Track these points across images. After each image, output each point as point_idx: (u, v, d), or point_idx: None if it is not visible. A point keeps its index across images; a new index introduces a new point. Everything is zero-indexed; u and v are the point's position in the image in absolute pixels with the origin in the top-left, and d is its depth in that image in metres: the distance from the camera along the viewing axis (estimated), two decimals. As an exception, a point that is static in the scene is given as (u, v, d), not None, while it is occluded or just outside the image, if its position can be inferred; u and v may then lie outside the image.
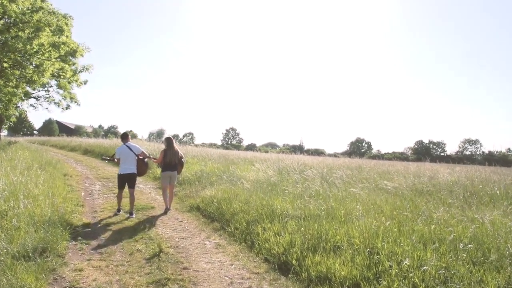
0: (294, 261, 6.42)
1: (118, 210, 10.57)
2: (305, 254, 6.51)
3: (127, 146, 10.70)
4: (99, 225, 9.17)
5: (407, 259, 5.51)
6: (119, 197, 10.67)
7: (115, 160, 11.12)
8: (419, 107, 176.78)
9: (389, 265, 5.61)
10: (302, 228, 7.50)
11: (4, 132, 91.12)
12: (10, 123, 23.65)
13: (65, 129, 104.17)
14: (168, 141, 11.37)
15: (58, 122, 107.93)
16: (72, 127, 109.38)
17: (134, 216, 10.24)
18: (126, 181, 10.62)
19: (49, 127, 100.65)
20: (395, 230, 6.97)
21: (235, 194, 11.13)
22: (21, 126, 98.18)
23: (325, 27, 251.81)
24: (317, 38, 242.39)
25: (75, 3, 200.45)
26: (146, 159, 11.11)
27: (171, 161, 11.12)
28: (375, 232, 6.87)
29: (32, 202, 8.42)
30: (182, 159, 11.64)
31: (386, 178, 13.51)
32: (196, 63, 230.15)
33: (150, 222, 9.65)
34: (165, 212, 10.88)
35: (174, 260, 6.79)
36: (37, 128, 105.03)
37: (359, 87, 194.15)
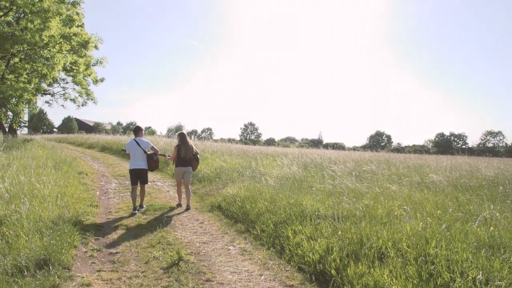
0: (333, 271, 5.54)
1: (134, 209, 10.05)
2: (346, 262, 5.63)
3: (135, 141, 10.38)
4: (113, 228, 8.41)
5: (480, 273, 4.56)
6: (133, 195, 10.20)
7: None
8: (438, 99, 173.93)
9: (450, 276, 4.71)
10: (340, 232, 6.58)
11: (24, 130, 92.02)
12: (20, 119, 22.99)
13: (84, 126, 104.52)
14: (181, 136, 11.12)
15: (77, 120, 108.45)
16: (91, 124, 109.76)
17: (144, 207, 10.45)
18: (137, 176, 10.36)
19: (68, 125, 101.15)
20: (447, 233, 6.02)
21: (259, 192, 10.28)
22: (41, 124, 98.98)
23: (344, 20, 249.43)
24: (333, 32, 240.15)
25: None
26: (155, 155, 10.68)
27: (185, 156, 10.85)
28: (424, 235, 5.95)
29: (39, 204, 7.66)
30: (198, 155, 11.26)
31: (420, 173, 12.56)
32: (213, 59, 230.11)
33: (168, 223, 8.87)
34: (177, 207, 10.76)
35: (195, 270, 5.97)
36: (56, 126, 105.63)
37: (377, 80, 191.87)
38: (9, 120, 25.99)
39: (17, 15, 19.00)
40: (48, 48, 18.51)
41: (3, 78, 18.69)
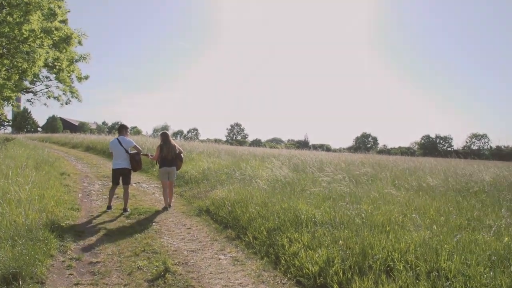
0: (335, 286, 5.04)
1: (108, 207, 10.01)
2: (349, 276, 5.12)
3: (118, 139, 10.13)
4: (95, 234, 7.81)
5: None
6: (111, 193, 10.22)
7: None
8: (424, 101, 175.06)
9: (468, 295, 4.25)
10: (341, 241, 6.09)
11: (8, 130, 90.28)
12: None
13: (69, 126, 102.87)
14: (164, 136, 10.85)
15: (62, 119, 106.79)
16: (76, 124, 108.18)
17: (129, 211, 9.87)
18: (119, 176, 10.14)
19: (53, 124, 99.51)
20: (459, 244, 5.55)
21: (250, 195, 9.75)
22: (25, 124, 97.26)
23: (329, 20, 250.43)
24: (319, 33, 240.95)
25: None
26: (138, 155, 10.34)
27: (167, 156, 10.61)
28: (432, 245, 5.47)
29: (14, 209, 7.04)
30: (181, 154, 11.02)
31: (415, 176, 12.17)
32: (199, 59, 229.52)
33: (154, 229, 8.31)
34: (163, 210, 10.28)
35: (183, 283, 5.41)
36: (41, 125, 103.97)
37: (363, 82, 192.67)
38: None
39: None
40: (28, 43, 17.73)
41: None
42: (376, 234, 6.25)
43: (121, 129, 10.41)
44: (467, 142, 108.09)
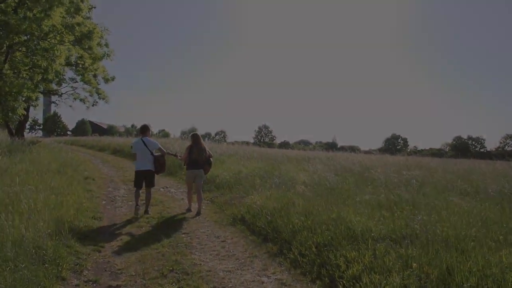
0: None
1: (137, 204, 9.53)
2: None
3: (143, 141, 9.70)
4: (117, 249, 6.82)
5: None
6: (136, 194, 9.69)
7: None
8: (455, 101, 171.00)
9: None
10: (414, 264, 4.91)
11: (39, 133, 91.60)
12: (19, 117, 21.53)
13: (98, 129, 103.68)
14: (194, 137, 10.49)
15: (91, 122, 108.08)
16: (105, 127, 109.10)
17: (150, 213, 9.62)
18: (142, 178, 9.71)
19: (82, 127, 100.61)
20: None
21: (291, 203, 8.64)
22: (55, 127, 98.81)
23: (361, 20, 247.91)
24: (349, 32, 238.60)
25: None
26: (162, 157, 9.95)
27: (197, 158, 10.17)
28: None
29: (22, 222, 6.10)
30: (211, 159, 10.46)
31: (471, 181, 10.88)
32: (226, 62, 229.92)
33: (184, 242, 7.29)
34: (193, 218, 9.48)
35: (221, 318, 4.37)
36: (71, 129, 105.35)
37: (391, 82, 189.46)
38: (16, 122, 24.71)
39: (13, 3, 17.41)
40: (48, 39, 17.06)
41: (1, 74, 17.18)
42: (452, 254, 5.07)
43: (144, 129, 9.97)
44: (501, 143, 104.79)
